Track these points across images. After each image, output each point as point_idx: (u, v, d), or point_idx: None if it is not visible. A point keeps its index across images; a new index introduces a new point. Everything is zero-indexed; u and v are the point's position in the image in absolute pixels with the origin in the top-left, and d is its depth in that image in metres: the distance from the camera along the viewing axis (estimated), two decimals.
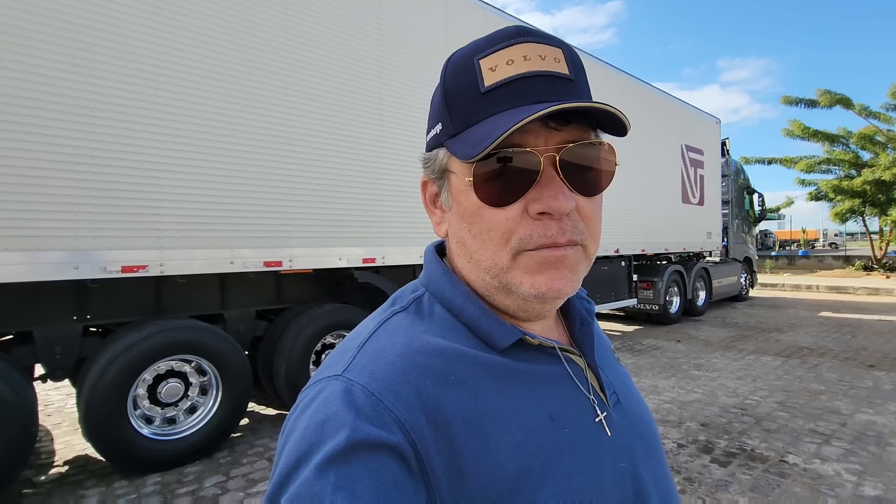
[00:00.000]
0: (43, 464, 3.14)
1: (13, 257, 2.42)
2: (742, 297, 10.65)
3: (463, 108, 0.46)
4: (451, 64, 0.48)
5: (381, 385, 0.42)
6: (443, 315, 0.50)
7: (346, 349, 0.48)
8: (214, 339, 3.19)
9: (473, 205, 0.46)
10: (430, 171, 0.52)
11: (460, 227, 0.49)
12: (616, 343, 6.57)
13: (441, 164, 0.50)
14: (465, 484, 0.40)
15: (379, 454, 0.38)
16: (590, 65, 6.11)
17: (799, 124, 16.24)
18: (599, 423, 0.50)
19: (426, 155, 0.53)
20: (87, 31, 2.60)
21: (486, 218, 0.46)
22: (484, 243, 0.47)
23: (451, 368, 0.45)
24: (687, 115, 8.47)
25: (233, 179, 3.13)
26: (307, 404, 0.43)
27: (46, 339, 2.80)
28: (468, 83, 0.46)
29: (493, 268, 0.47)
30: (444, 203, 0.52)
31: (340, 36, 3.63)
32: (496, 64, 0.45)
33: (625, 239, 6.78)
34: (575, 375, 0.51)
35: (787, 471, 2.88)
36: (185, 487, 2.78)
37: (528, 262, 0.45)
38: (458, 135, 0.47)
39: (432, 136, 0.51)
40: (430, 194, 0.54)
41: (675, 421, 3.69)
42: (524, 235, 0.45)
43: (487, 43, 0.46)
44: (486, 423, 0.43)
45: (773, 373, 4.97)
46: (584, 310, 0.58)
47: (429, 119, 0.53)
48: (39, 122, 2.47)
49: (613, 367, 0.60)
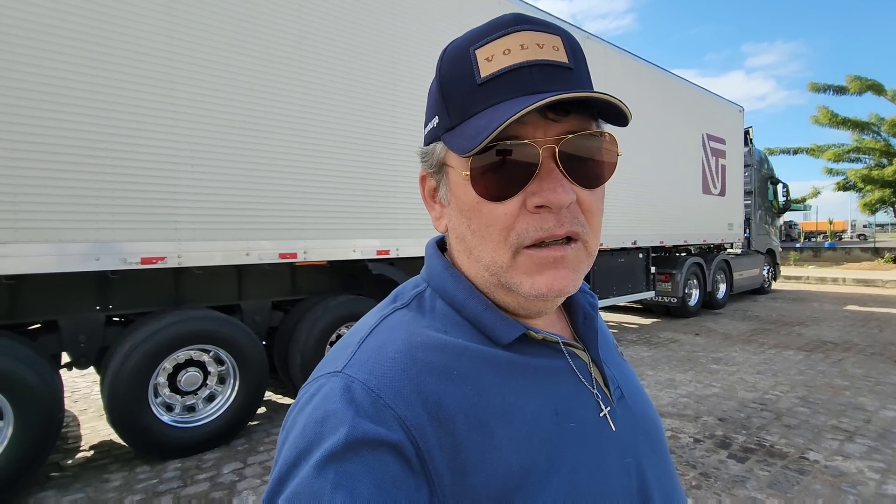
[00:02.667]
0: (70, 448, 3.25)
1: (43, 248, 2.50)
2: (764, 289, 10.41)
3: (459, 101, 0.45)
4: (447, 55, 0.47)
5: (381, 382, 0.41)
6: (445, 310, 0.49)
7: (346, 345, 0.47)
8: (232, 329, 3.24)
9: (472, 199, 0.45)
10: (428, 166, 0.51)
11: (459, 223, 0.48)
12: (633, 336, 6.50)
13: (439, 158, 0.49)
14: (468, 480, 0.40)
15: (378, 452, 0.38)
16: (606, 53, 5.98)
17: (827, 112, 15.71)
18: (604, 417, 0.49)
19: (424, 149, 0.52)
20: (104, 27, 2.64)
21: (484, 213, 0.45)
22: (483, 239, 0.46)
23: (454, 364, 0.44)
24: (708, 103, 8.25)
25: (248, 172, 3.16)
26: (307, 401, 0.43)
27: (71, 328, 2.89)
28: (464, 74, 0.45)
29: (492, 265, 0.46)
30: (443, 198, 0.51)
31: (354, 26, 3.62)
32: (492, 54, 0.43)
33: (642, 231, 6.67)
34: (579, 370, 0.50)
35: (807, 468, 2.82)
36: (204, 474, 2.86)
37: (527, 263, 0.45)
38: (454, 128, 0.46)
39: (430, 129, 0.50)
40: (429, 189, 0.54)
41: (692, 415, 3.64)
42: (521, 230, 0.44)
43: (484, 32, 0.45)
44: (490, 419, 0.42)
45: (794, 367, 4.86)
46: (587, 304, 0.57)
47: (426, 112, 0.52)
48: (61, 118, 2.53)
49: (617, 362, 0.59)
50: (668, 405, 3.85)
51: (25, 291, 2.78)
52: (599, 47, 5.92)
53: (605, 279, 6.38)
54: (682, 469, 2.82)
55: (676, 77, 7.50)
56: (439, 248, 0.56)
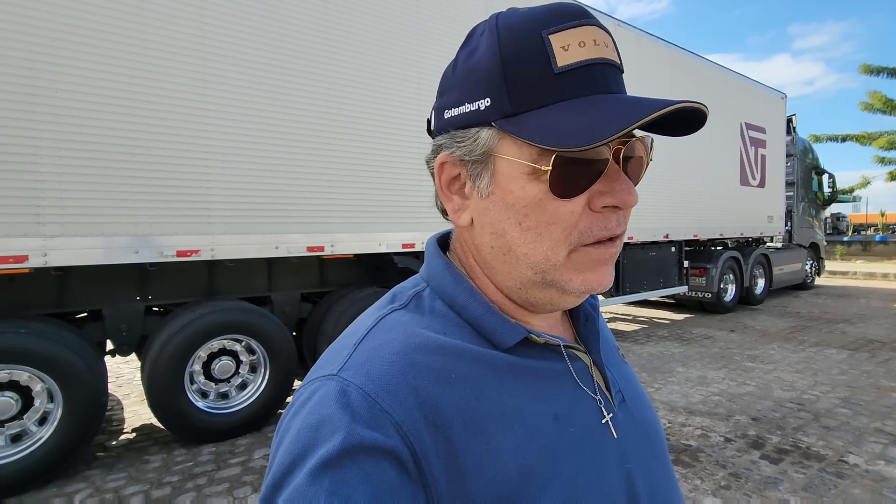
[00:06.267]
0: (114, 430, 3.45)
1: (87, 242, 2.66)
2: (807, 285, 9.94)
3: (528, 86, 0.41)
4: (509, 31, 0.42)
5: (378, 386, 0.40)
6: (444, 311, 0.48)
7: (342, 346, 0.46)
8: (262, 320, 3.35)
9: (532, 195, 0.42)
10: (464, 152, 0.45)
11: (503, 218, 0.45)
12: (664, 331, 6.35)
13: (486, 146, 0.44)
14: (465, 486, 0.39)
15: (375, 458, 0.37)
16: (638, 40, 5.82)
17: (880, 96, 14.78)
18: (606, 424, 0.48)
19: (457, 133, 0.46)
20: (139, 28, 2.75)
21: (549, 210, 0.42)
22: (539, 237, 0.43)
23: (452, 366, 0.43)
24: (748, 90, 7.90)
25: (277, 168, 3.25)
26: (301, 405, 0.41)
27: (114, 317, 3.06)
28: (536, 58, 0.41)
29: (543, 262, 0.44)
30: (479, 189, 0.46)
31: (378, 21, 3.65)
32: (569, 43, 0.41)
33: (675, 223, 6.48)
34: (581, 373, 0.49)
35: (845, 471, 2.70)
36: (237, 458, 2.98)
37: (582, 260, 0.44)
38: (519, 115, 0.42)
39: (469, 111, 0.44)
40: (448, 178, 0.49)
41: (724, 414, 3.54)
42: (584, 228, 0.43)
43: (553, 17, 0.42)
44: (488, 423, 0.42)
45: (836, 367, 4.64)
46: (588, 305, 0.55)
47: (454, 90, 0.46)
48: (101, 117, 2.66)
49: (618, 364, 0.58)
50: (699, 403, 3.75)
51: (72, 282, 2.95)
52: (631, 35, 5.75)
53: (635, 273, 6.24)
54: (711, 469, 2.75)
55: (713, 64, 7.22)
56: (440, 247, 0.54)
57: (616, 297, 6.11)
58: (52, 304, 2.91)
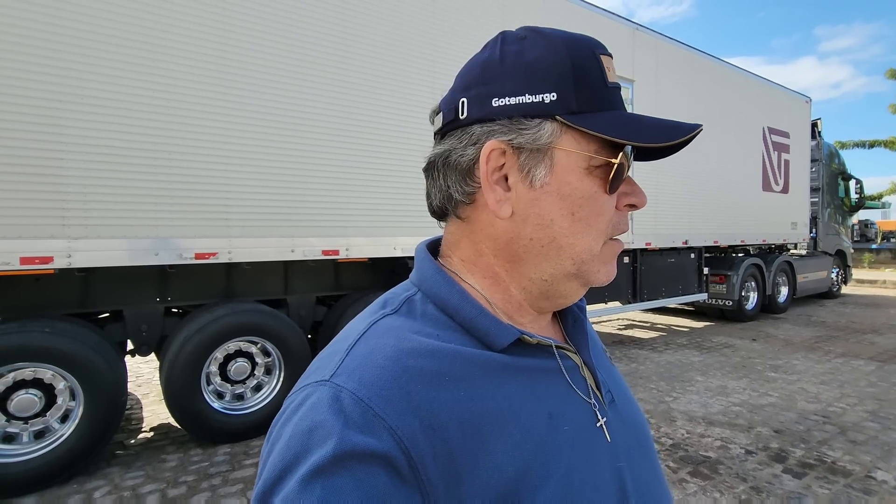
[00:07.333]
0: (133, 429, 3.51)
1: (110, 244, 2.73)
2: (833, 293, 9.66)
3: (592, 90, 0.47)
4: (574, 43, 0.47)
5: (371, 391, 0.40)
6: (436, 315, 0.48)
7: (333, 352, 0.46)
8: (278, 322, 3.39)
9: (589, 188, 0.47)
10: (527, 139, 0.45)
11: (554, 208, 0.46)
12: (682, 339, 6.22)
13: (548, 138, 0.45)
14: (462, 487, 0.39)
15: (368, 465, 0.36)
16: (657, 45, 5.75)
17: None
18: (600, 427, 0.49)
19: (522, 120, 0.46)
20: (162, 36, 2.82)
21: (599, 203, 0.47)
22: (588, 227, 0.48)
23: (445, 368, 0.43)
24: (770, 94, 7.74)
25: (293, 172, 3.29)
26: (293, 411, 0.41)
27: (134, 318, 3.12)
28: (595, 69, 0.47)
29: (585, 252, 0.48)
30: (532, 178, 0.46)
31: (395, 26, 3.68)
32: (609, 67, 0.48)
33: (694, 229, 6.36)
34: (572, 373, 0.50)
35: (873, 487, 2.60)
36: (251, 459, 3.00)
37: (608, 252, 0.50)
38: (584, 113, 0.45)
39: (531, 102, 0.45)
40: (494, 166, 0.47)
41: (745, 425, 3.44)
42: (615, 223, 0.49)
43: (593, 43, 0.49)
44: (484, 424, 0.42)
45: (864, 378, 4.48)
46: (575, 307, 0.57)
47: (508, 80, 0.46)
48: (125, 123, 2.74)
49: (606, 365, 0.59)
50: (719, 413, 3.66)
51: (94, 283, 3.02)
52: (650, 39, 5.69)
53: (654, 280, 6.13)
54: (731, 481, 2.68)
55: (734, 67, 7.09)
56: (430, 252, 0.54)
57: (634, 303, 6.01)
58: (75, 305, 2.99)
